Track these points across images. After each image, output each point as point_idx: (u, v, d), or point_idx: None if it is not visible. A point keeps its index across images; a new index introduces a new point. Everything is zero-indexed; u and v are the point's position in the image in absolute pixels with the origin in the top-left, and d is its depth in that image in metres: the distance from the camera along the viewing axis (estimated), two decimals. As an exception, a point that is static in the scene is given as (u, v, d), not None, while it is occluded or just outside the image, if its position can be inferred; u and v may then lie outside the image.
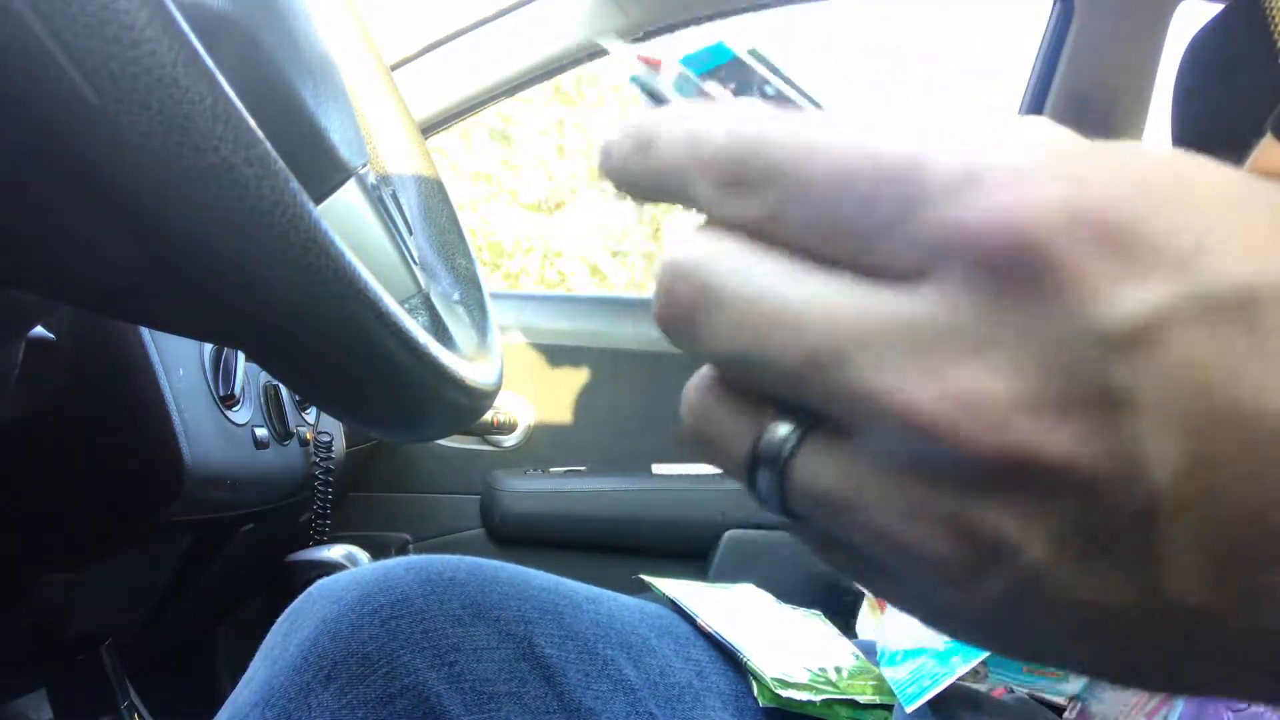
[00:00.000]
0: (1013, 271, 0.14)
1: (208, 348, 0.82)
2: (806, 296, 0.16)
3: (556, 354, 1.48)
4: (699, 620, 0.61)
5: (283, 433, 0.97)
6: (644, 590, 0.74)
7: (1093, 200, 0.14)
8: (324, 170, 0.50)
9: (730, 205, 0.17)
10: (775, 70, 0.23)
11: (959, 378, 0.14)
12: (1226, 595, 0.14)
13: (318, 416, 1.10)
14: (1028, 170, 0.14)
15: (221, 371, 0.83)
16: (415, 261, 0.58)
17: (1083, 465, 0.14)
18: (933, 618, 0.18)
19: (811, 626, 0.72)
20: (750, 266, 0.16)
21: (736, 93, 0.23)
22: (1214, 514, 0.14)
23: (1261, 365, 0.14)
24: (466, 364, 0.45)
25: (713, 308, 0.16)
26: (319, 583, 0.52)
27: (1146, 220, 0.14)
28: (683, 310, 0.17)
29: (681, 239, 0.17)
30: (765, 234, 0.17)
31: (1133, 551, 0.14)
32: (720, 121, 0.17)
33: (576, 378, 1.50)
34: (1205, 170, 0.15)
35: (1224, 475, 0.14)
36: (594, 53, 1.42)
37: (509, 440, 1.49)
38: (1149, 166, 0.15)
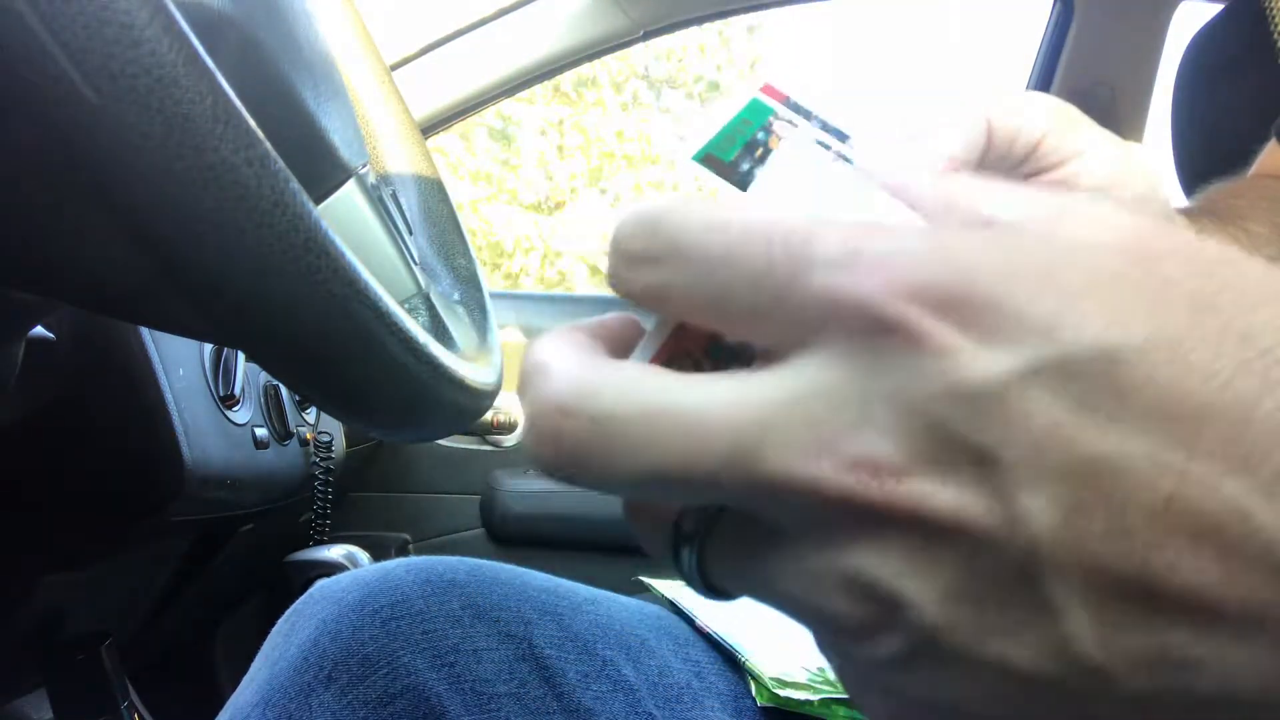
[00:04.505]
0: (880, 339, 0.15)
1: (208, 348, 0.82)
2: (700, 400, 0.16)
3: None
4: (698, 621, 0.61)
5: (283, 433, 0.97)
6: (643, 591, 0.74)
7: (959, 277, 0.15)
8: (324, 170, 0.50)
9: (630, 276, 0.18)
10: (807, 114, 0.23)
11: (849, 445, 0.15)
12: (1126, 654, 0.15)
13: (318, 416, 1.10)
14: (903, 250, 0.16)
15: (221, 371, 0.83)
16: (415, 261, 0.58)
17: (965, 518, 0.15)
18: (857, 692, 0.18)
19: (811, 627, 0.71)
20: (636, 385, 0.16)
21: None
22: (1095, 565, 0.14)
23: (1123, 423, 0.14)
24: (466, 364, 0.45)
25: (610, 437, 0.16)
26: (319, 584, 0.52)
27: (1011, 293, 0.15)
28: (578, 449, 0.16)
29: (549, 376, 0.17)
30: (658, 305, 0.18)
31: (1028, 606, 0.15)
32: (634, 208, 0.18)
33: (576, 378, 1.49)
34: (1082, 252, 0.16)
35: (1096, 527, 0.14)
36: (594, 53, 1.42)
37: (509, 440, 1.49)
38: (1025, 246, 0.16)
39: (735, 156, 0.22)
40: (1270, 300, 0.15)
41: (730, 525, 0.18)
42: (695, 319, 0.18)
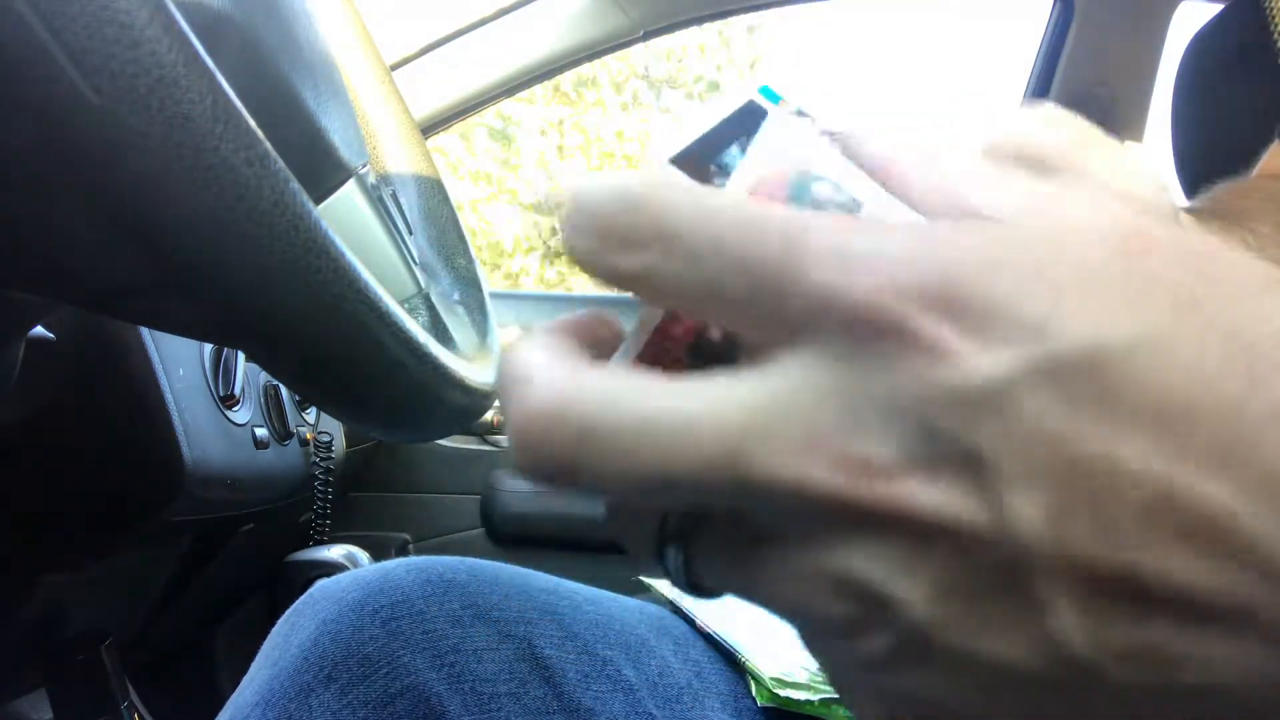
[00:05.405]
0: (870, 340, 0.15)
1: (208, 348, 0.82)
2: (686, 404, 0.16)
3: (556, 354, 1.48)
4: (697, 621, 0.61)
5: (283, 433, 0.97)
6: (643, 591, 0.74)
7: (950, 276, 0.15)
8: (324, 170, 0.50)
9: (613, 260, 0.17)
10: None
11: (838, 446, 0.15)
12: (1113, 651, 0.15)
13: (318, 416, 1.10)
14: (895, 247, 0.15)
15: (221, 371, 0.83)
16: (415, 261, 0.58)
17: (953, 518, 0.15)
18: (847, 692, 0.18)
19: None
20: (621, 391, 0.16)
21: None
22: (1082, 564, 0.15)
23: (1110, 423, 0.14)
24: (466, 364, 0.45)
25: (598, 445, 0.16)
26: (319, 584, 0.52)
27: (1001, 292, 0.15)
28: (564, 458, 0.16)
29: (531, 384, 0.17)
30: (643, 290, 0.17)
31: (1017, 604, 0.15)
32: (609, 183, 0.17)
33: (576, 378, 1.49)
34: (1070, 246, 0.15)
35: (1082, 527, 0.14)
36: (594, 53, 1.42)
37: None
38: (1015, 241, 0.16)
39: (715, 160, 0.21)
40: (1252, 293, 0.15)
41: (717, 524, 0.18)
42: (681, 306, 0.17)
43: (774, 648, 0.60)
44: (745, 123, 0.21)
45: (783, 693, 0.56)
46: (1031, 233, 0.16)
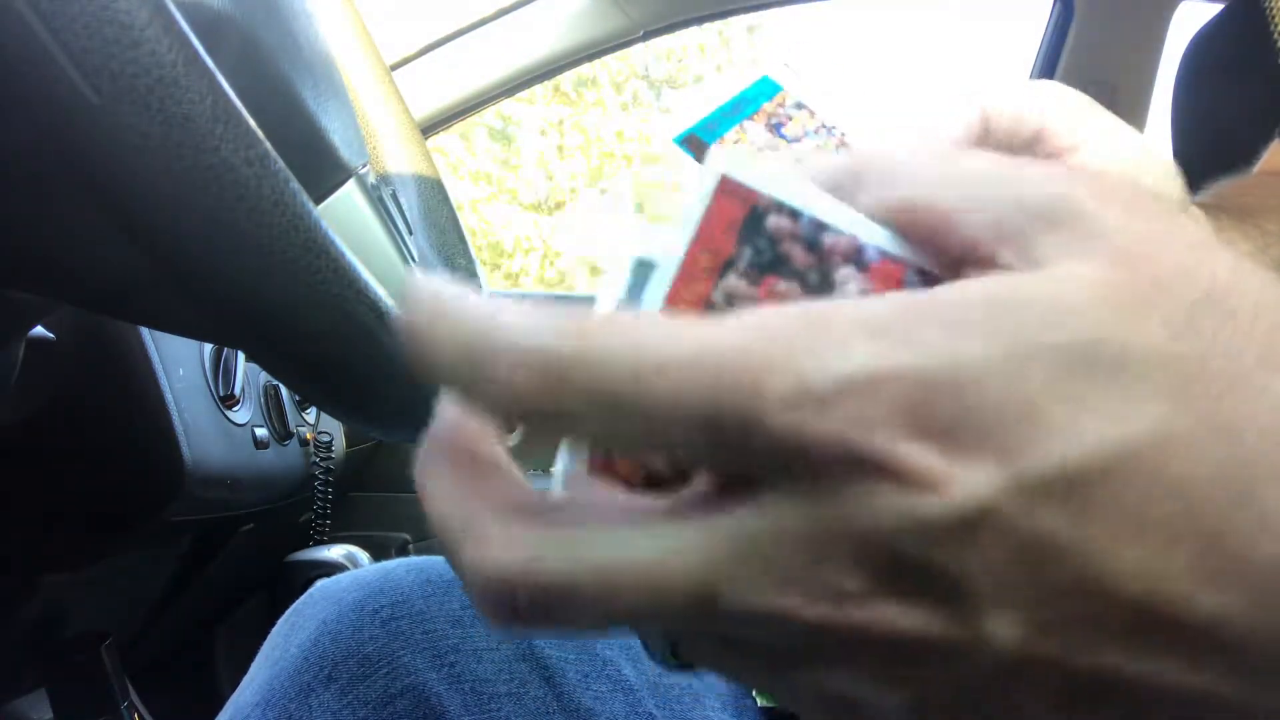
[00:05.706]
0: (838, 477, 0.15)
1: (208, 348, 0.82)
2: (653, 551, 0.15)
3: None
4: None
5: (283, 433, 0.97)
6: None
7: (914, 398, 0.14)
8: (324, 170, 0.50)
9: (541, 428, 0.16)
10: (801, 104, 0.23)
11: (814, 580, 0.15)
12: None
13: (318, 416, 1.10)
14: (856, 373, 0.14)
15: (221, 371, 0.83)
16: (415, 261, 0.58)
17: (933, 638, 0.15)
18: None
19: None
20: (583, 544, 0.15)
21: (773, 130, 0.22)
22: (1063, 673, 0.15)
23: (1092, 539, 0.14)
24: (466, 364, 0.45)
25: (566, 600, 0.15)
26: (319, 584, 0.52)
27: (971, 405, 0.14)
28: (535, 615, 0.16)
29: (483, 542, 0.16)
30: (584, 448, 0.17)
31: (995, 708, 0.15)
32: (524, 346, 0.15)
33: (576, 378, 1.49)
34: (1053, 326, 0.15)
35: (1064, 639, 0.15)
36: (594, 53, 1.42)
37: (508, 440, 1.49)
38: (979, 334, 0.15)
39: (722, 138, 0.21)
40: (1255, 366, 0.15)
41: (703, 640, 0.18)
42: (632, 459, 0.17)
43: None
44: (759, 97, 0.19)
45: (783, 693, 0.56)
46: (1003, 322, 0.15)
